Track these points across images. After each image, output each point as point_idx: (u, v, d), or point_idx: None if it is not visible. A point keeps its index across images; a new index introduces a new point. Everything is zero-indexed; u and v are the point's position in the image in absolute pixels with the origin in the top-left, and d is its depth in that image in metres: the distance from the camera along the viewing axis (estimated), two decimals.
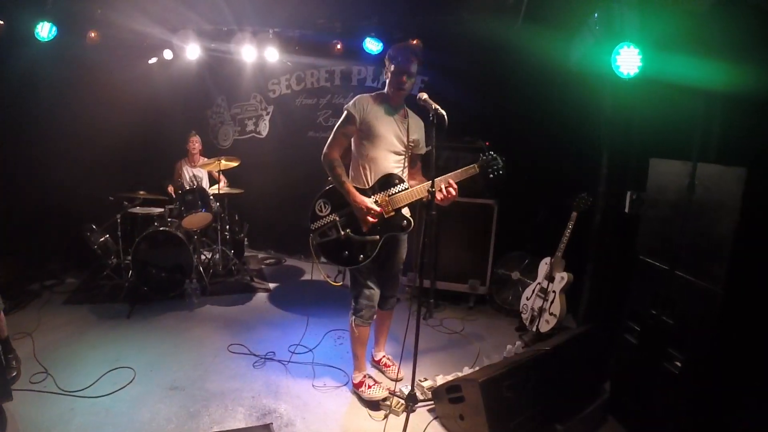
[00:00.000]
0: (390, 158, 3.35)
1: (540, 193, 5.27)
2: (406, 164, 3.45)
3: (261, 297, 5.62)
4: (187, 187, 5.82)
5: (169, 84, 6.83)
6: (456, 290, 5.26)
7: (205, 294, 5.45)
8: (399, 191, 3.29)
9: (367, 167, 3.35)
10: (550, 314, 4.22)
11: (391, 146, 3.34)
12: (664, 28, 3.34)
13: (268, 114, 7.28)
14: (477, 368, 3.69)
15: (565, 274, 4.20)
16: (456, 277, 5.23)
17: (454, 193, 3.16)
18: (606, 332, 3.64)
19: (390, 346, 4.13)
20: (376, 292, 3.46)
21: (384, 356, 4.03)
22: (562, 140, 4.89)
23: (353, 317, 3.50)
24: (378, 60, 6.07)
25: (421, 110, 3.09)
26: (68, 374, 3.76)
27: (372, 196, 3.29)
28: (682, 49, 3.15)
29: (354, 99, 3.34)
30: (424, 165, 3.55)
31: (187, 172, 6.29)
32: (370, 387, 3.60)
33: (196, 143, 6.32)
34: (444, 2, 5.14)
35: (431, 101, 2.96)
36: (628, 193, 3.78)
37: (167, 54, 6.27)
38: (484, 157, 3.26)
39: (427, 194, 2.94)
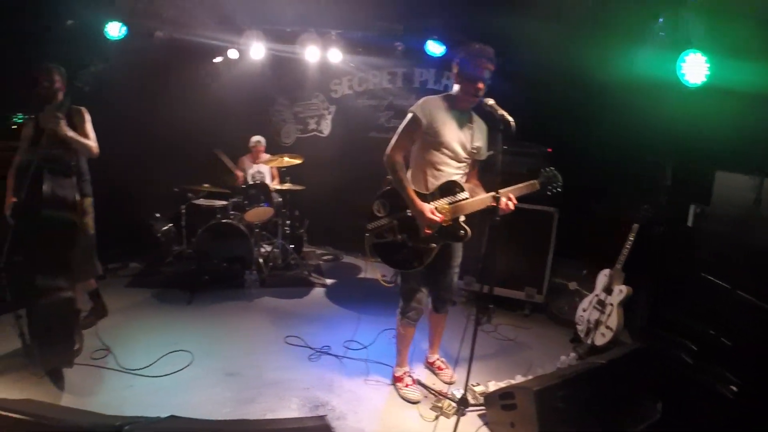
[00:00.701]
0: (452, 164, 3.25)
1: (601, 203, 5.07)
2: (467, 170, 3.37)
3: (318, 292, 5.66)
4: (251, 182, 5.95)
5: (234, 82, 6.99)
6: (512, 297, 5.14)
7: (263, 285, 5.56)
8: (460, 200, 3.19)
9: (428, 172, 3.25)
10: (607, 327, 4.04)
11: (455, 153, 3.23)
12: (733, 35, 3.19)
13: (330, 114, 7.36)
14: (530, 377, 3.61)
15: (624, 287, 4.02)
16: (512, 284, 5.11)
17: (512, 206, 3.08)
18: (662, 349, 3.46)
19: (447, 347, 4.07)
20: (424, 295, 3.45)
21: (438, 359, 3.97)
22: (625, 149, 4.68)
23: (400, 316, 3.50)
24: (440, 62, 6.05)
25: (486, 115, 3.04)
26: (128, 353, 3.90)
27: (431, 203, 3.18)
28: (752, 57, 2.98)
29: (421, 102, 3.22)
30: (488, 170, 3.43)
31: (251, 168, 6.43)
32: (407, 386, 3.58)
33: (260, 145, 6.49)
34: (507, 5, 5.04)
35: (498, 107, 2.90)
36: (692, 207, 3.60)
37: (232, 53, 6.48)
38: (546, 173, 3.20)
39: (486, 205, 2.98)
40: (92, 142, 3.81)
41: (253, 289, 5.45)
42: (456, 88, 3.26)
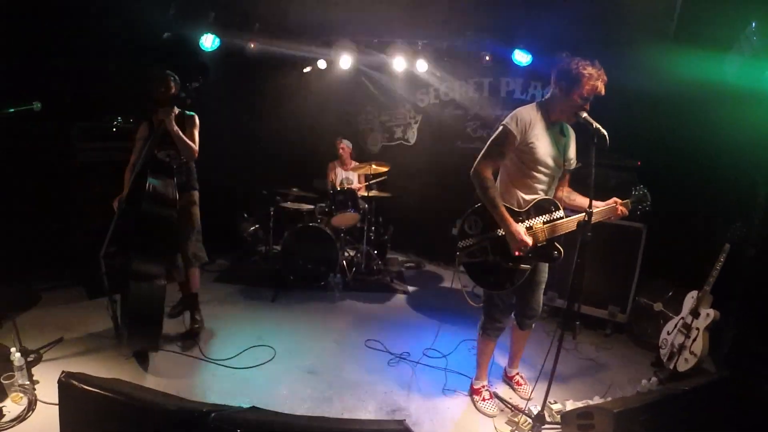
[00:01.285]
0: (545, 180, 3.10)
1: (692, 220, 4.77)
2: (556, 182, 3.23)
3: (399, 298, 5.69)
4: (339, 188, 6.10)
5: (322, 91, 7.21)
6: (594, 315, 4.92)
7: (346, 289, 5.70)
8: (556, 219, 3.04)
9: (521, 188, 3.09)
10: (691, 353, 3.77)
11: (548, 168, 3.06)
12: None
13: (416, 123, 7.41)
14: (608, 398, 3.49)
15: (711, 311, 3.74)
16: (595, 302, 4.89)
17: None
18: (747, 380, 3.19)
19: (525, 362, 3.99)
20: (507, 314, 3.40)
21: (517, 374, 3.87)
22: (716, 163, 4.38)
23: (481, 331, 3.47)
24: (527, 72, 5.94)
25: (579, 126, 2.91)
26: (213, 344, 4.15)
27: (526, 221, 3.03)
28: None
29: (514, 115, 3.00)
30: (581, 183, 3.28)
31: (340, 174, 6.60)
32: (485, 399, 3.52)
33: (343, 148, 6.61)
34: (594, 15, 4.88)
35: (592, 120, 2.77)
36: None
37: (321, 64, 6.71)
38: (636, 193, 3.17)
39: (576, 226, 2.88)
40: (194, 145, 4.05)
41: (336, 291, 5.59)
42: (554, 98, 3.05)
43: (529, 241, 2.93)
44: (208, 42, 5.57)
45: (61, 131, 4.82)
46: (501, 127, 3.01)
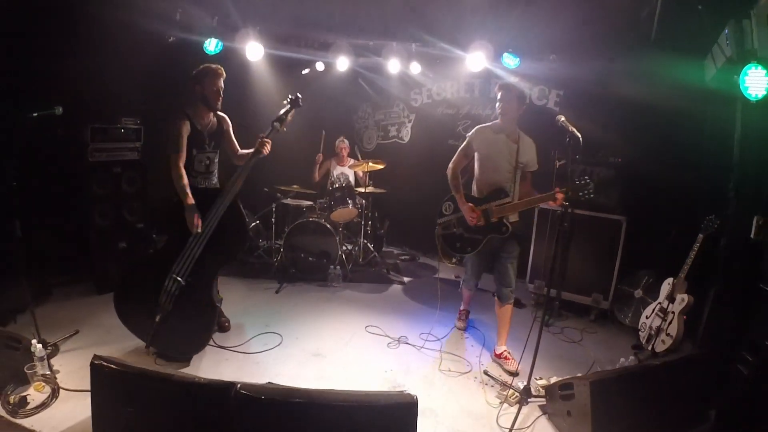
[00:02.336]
0: (499, 176, 4.05)
1: (670, 212, 5.08)
2: (517, 179, 4.06)
3: (395, 288, 5.99)
4: (336, 185, 6.38)
5: (320, 91, 7.40)
6: (579, 302, 5.25)
7: (345, 280, 5.95)
8: (500, 203, 3.99)
9: (482, 182, 4.16)
10: (667, 335, 4.08)
11: (499, 167, 4.04)
12: None
13: (410, 121, 7.68)
14: None
15: (686, 296, 4.06)
16: (580, 290, 5.22)
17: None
18: (719, 359, 3.48)
19: (513, 344, 4.27)
20: (476, 275, 4.47)
21: (505, 350, 4.19)
22: (696, 160, 4.67)
23: (463, 284, 4.74)
24: (515, 74, 6.19)
25: (559, 130, 3.37)
26: (223, 333, 4.41)
27: (483, 204, 4.05)
28: None
29: (474, 130, 4.18)
30: (561, 178, 3.73)
31: (336, 170, 6.86)
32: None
33: (343, 147, 6.89)
34: (580, 18, 5.15)
35: (568, 123, 3.32)
36: (755, 219, 3.58)
37: (319, 66, 6.95)
38: (579, 183, 3.51)
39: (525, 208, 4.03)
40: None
41: (336, 283, 5.83)
42: (501, 115, 4.06)
43: (473, 215, 4.02)
44: (212, 46, 5.77)
45: (77, 133, 5.03)
46: (466, 139, 4.19)
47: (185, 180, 3.75)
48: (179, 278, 3.64)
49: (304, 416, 2.41)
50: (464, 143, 4.21)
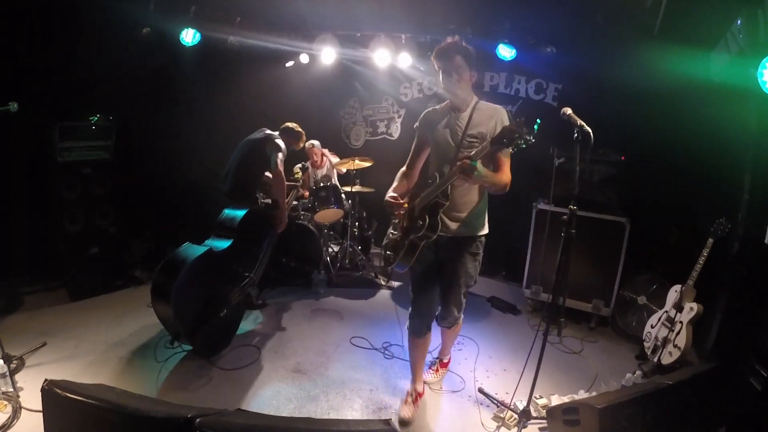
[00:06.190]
0: (442, 163, 3.09)
1: (676, 215, 4.83)
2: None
3: (383, 294, 5.70)
4: (321, 185, 6.06)
5: (305, 86, 7.13)
6: (578, 308, 4.97)
7: (330, 285, 5.68)
8: (427, 191, 3.03)
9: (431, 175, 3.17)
10: (675, 346, 3.85)
11: (447, 149, 3.08)
12: None
13: (399, 117, 7.38)
14: (593, 393, 3.54)
15: (695, 305, 3.82)
16: (579, 295, 4.94)
17: (468, 172, 2.67)
18: (730, 373, 3.24)
19: (510, 356, 4.05)
20: (416, 308, 3.34)
21: (439, 360, 3.93)
22: (702, 160, 4.43)
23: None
24: (511, 66, 5.93)
25: (566, 125, 2.89)
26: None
27: (414, 201, 3.14)
28: None
29: (421, 116, 3.35)
30: (565, 178, 3.29)
31: (312, 175, 6.51)
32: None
33: (315, 152, 6.48)
34: (578, 9, 4.89)
35: (576, 117, 2.79)
36: None
37: (303, 58, 6.61)
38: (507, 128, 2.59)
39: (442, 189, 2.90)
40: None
41: (320, 288, 5.56)
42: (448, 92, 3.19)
43: (389, 199, 3.10)
44: (189, 37, 5.44)
45: (43, 131, 4.76)
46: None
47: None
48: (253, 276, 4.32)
49: None
50: (415, 137, 3.37)
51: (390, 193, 3.15)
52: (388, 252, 3.27)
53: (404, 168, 3.35)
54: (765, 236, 3.39)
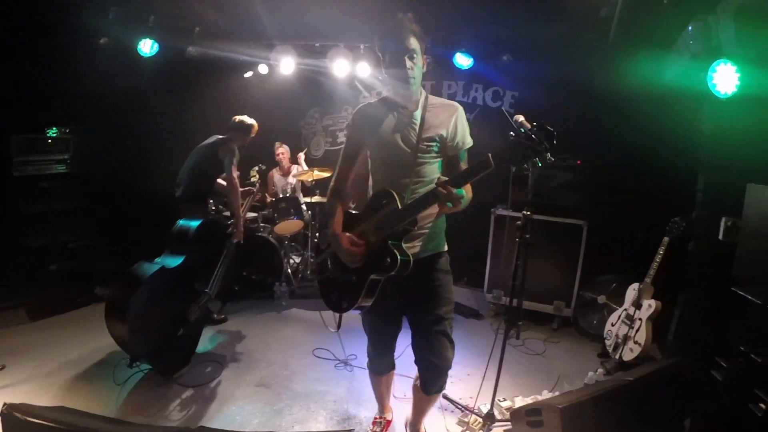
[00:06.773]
0: (394, 172, 2.47)
1: (632, 216, 4.99)
2: (426, 172, 2.48)
3: None
4: (281, 196, 6.01)
5: (264, 96, 7.07)
6: (540, 311, 5.07)
7: (293, 297, 5.62)
8: (383, 215, 2.38)
9: (370, 189, 2.63)
10: (635, 343, 3.97)
11: (396, 155, 2.46)
12: (765, 43, 3.04)
13: None
14: (557, 393, 3.58)
15: (653, 302, 3.95)
16: (541, 297, 5.04)
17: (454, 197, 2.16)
18: (692, 367, 3.34)
19: (474, 361, 4.04)
20: (374, 350, 2.95)
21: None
22: (658, 161, 4.58)
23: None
24: (468, 74, 6.02)
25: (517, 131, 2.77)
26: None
27: (360, 225, 2.50)
28: None
29: (351, 116, 2.63)
30: (519, 184, 3.19)
31: (279, 182, 6.48)
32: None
33: (282, 153, 6.53)
34: (534, 17, 4.99)
35: (527, 123, 2.38)
36: (723, 220, 3.46)
37: (262, 68, 6.57)
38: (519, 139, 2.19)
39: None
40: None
41: (282, 300, 5.50)
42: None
43: (354, 248, 2.43)
44: (147, 47, 5.35)
45: None
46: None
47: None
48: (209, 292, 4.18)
49: None
50: (345, 141, 2.71)
51: (346, 236, 2.47)
52: (333, 296, 2.67)
53: (333, 183, 2.64)
54: (719, 233, 3.51)
